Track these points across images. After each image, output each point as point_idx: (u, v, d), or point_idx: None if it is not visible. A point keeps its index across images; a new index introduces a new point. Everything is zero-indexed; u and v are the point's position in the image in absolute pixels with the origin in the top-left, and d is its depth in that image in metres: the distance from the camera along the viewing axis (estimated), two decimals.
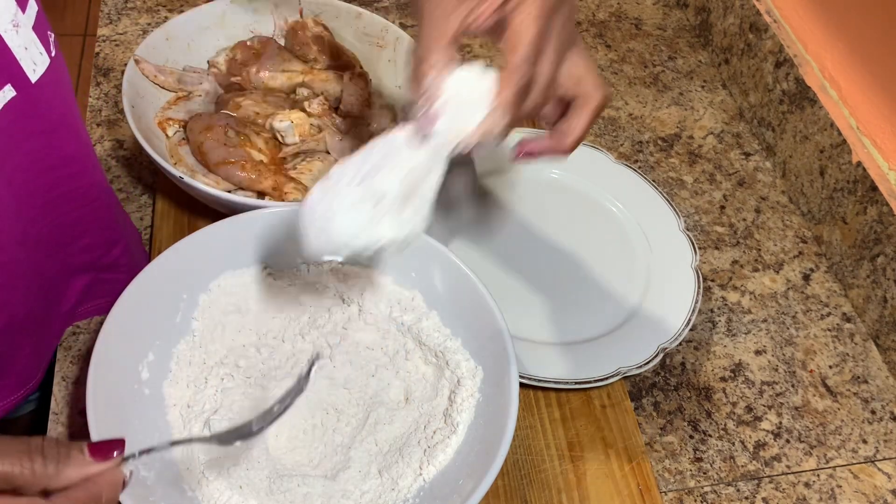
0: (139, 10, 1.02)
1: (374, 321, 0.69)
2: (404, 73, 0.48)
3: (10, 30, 0.49)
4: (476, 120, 0.48)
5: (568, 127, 0.55)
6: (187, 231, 0.76)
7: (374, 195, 0.50)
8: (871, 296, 0.84)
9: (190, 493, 0.59)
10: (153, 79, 0.82)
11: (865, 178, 0.84)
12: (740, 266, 0.88)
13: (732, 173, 0.97)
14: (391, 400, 0.66)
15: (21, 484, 0.43)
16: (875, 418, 0.78)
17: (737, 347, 0.81)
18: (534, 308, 0.79)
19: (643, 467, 0.70)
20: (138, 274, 0.64)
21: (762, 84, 1.00)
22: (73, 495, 0.44)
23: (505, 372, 0.64)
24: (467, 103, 0.48)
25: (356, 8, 0.90)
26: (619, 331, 0.77)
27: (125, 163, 0.86)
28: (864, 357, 0.83)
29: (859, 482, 0.74)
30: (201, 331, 0.67)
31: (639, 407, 0.76)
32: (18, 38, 0.50)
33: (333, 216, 0.50)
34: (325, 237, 0.50)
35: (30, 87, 0.52)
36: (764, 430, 0.76)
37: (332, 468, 0.62)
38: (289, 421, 0.64)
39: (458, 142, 0.49)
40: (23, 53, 0.51)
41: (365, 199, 0.50)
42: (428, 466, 0.62)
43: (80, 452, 0.45)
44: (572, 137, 0.55)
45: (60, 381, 0.71)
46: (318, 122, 0.82)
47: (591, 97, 0.55)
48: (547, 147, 0.57)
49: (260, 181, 0.76)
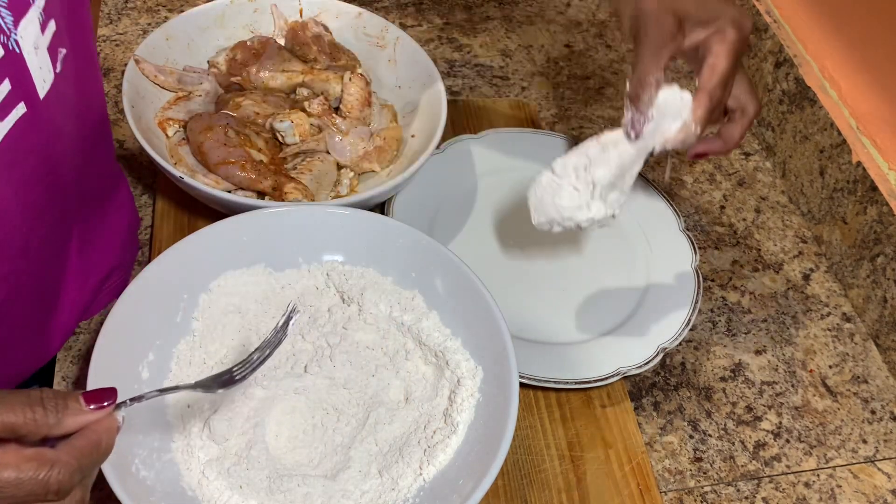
0: (139, 10, 1.02)
1: (374, 321, 0.69)
2: (627, 89, 0.64)
3: (31, 52, 0.52)
4: (674, 128, 0.63)
5: (730, 133, 0.70)
6: (187, 231, 0.76)
7: (588, 183, 0.65)
8: (871, 296, 0.84)
9: (190, 493, 0.59)
10: (153, 79, 0.82)
11: (865, 178, 0.84)
12: (740, 266, 0.88)
13: (732, 173, 0.97)
14: (391, 400, 0.66)
15: (24, 433, 0.45)
16: (875, 418, 0.78)
17: (737, 347, 0.81)
18: (534, 308, 0.79)
19: (643, 467, 0.70)
20: (138, 274, 0.64)
21: (762, 84, 1.00)
22: (75, 443, 0.47)
23: (505, 372, 0.64)
24: (668, 115, 0.63)
25: (356, 8, 0.90)
26: (619, 331, 0.77)
27: (125, 163, 0.86)
28: (864, 357, 0.83)
29: (859, 482, 0.74)
30: (201, 331, 0.67)
31: (639, 407, 0.76)
32: (37, 59, 0.53)
33: (560, 198, 0.65)
34: (552, 212, 0.66)
35: (38, 103, 0.54)
36: (764, 430, 0.76)
37: (332, 468, 0.62)
38: (289, 421, 0.64)
39: (660, 144, 0.64)
40: (38, 73, 0.53)
41: (581, 185, 0.65)
42: (428, 466, 0.62)
43: (77, 402, 0.47)
44: (734, 141, 0.70)
45: (60, 381, 0.71)
46: (318, 122, 0.82)
47: (749, 109, 0.69)
48: (715, 149, 0.71)
49: (260, 181, 0.76)
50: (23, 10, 0.50)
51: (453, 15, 1.09)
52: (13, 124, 0.52)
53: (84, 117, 0.63)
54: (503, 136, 0.90)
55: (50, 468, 0.44)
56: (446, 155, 0.87)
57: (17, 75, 0.51)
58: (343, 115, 0.83)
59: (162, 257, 0.66)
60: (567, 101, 1.01)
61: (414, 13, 1.08)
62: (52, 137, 0.57)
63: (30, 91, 0.53)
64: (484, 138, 0.89)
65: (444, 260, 0.70)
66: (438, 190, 0.84)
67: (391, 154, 0.83)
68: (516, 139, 0.90)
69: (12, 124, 0.52)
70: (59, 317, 0.69)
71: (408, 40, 0.88)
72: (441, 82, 0.84)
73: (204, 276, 0.68)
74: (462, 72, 1.02)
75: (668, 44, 0.64)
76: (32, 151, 0.55)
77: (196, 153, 0.77)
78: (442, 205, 0.84)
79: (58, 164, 0.59)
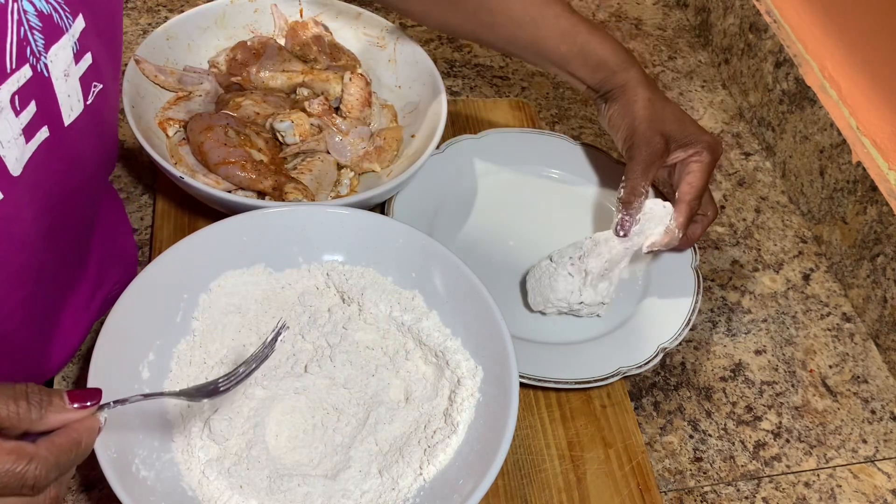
0: (139, 10, 1.02)
1: (374, 321, 0.69)
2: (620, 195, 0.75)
3: (60, 78, 0.53)
4: (658, 232, 0.74)
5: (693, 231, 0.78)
6: (187, 231, 0.76)
7: (581, 271, 0.74)
8: (871, 296, 0.84)
9: (190, 493, 0.59)
10: (153, 79, 0.82)
11: (865, 178, 0.84)
12: (740, 266, 0.88)
13: (732, 173, 0.97)
14: (391, 399, 0.66)
15: (6, 426, 0.46)
16: (875, 418, 0.78)
17: (737, 347, 0.81)
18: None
19: (643, 467, 0.70)
20: (138, 274, 0.64)
21: (762, 84, 1.00)
22: (55, 440, 0.47)
23: (505, 372, 0.64)
24: (652, 220, 0.74)
25: (356, 8, 0.90)
26: (619, 331, 0.77)
27: (125, 163, 0.86)
28: (864, 357, 0.83)
29: (859, 482, 0.74)
30: (201, 331, 0.67)
31: (639, 407, 0.76)
32: (66, 86, 0.54)
33: (556, 282, 0.74)
34: (547, 293, 0.75)
35: (62, 129, 0.55)
36: (764, 430, 0.76)
37: (333, 468, 0.62)
38: (289, 421, 0.64)
39: (646, 246, 0.74)
40: (65, 100, 0.54)
41: (575, 272, 0.74)
42: (428, 466, 0.62)
43: (61, 399, 0.48)
44: (696, 237, 0.78)
45: (61, 381, 0.71)
46: (318, 122, 0.82)
47: (709, 213, 0.78)
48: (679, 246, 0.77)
49: (260, 181, 0.76)
50: (55, 36, 0.51)
51: None
52: (36, 148, 0.53)
53: (102, 150, 0.64)
54: (503, 136, 0.90)
55: (28, 462, 0.44)
56: (446, 155, 0.86)
57: (43, 99, 0.52)
58: (343, 115, 0.84)
59: (162, 257, 0.66)
60: (567, 101, 1.01)
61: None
62: (73, 165, 0.58)
63: (55, 116, 0.54)
64: (484, 138, 0.89)
65: (444, 260, 0.70)
66: (438, 190, 0.84)
67: (391, 154, 0.83)
68: (516, 139, 0.90)
69: (35, 148, 0.53)
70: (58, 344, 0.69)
71: (408, 40, 0.88)
72: (441, 82, 0.84)
73: (204, 276, 0.68)
74: (462, 72, 1.02)
75: (656, 161, 0.74)
76: (53, 177, 0.56)
77: (196, 153, 0.78)
78: (442, 205, 0.84)
79: (75, 191, 0.60)
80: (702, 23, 1.12)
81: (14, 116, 0.50)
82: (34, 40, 0.50)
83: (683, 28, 1.14)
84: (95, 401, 0.49)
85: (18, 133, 0.50)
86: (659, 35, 1.12)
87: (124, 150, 0.87)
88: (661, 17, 1.15)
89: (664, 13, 1.16)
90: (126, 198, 0.84)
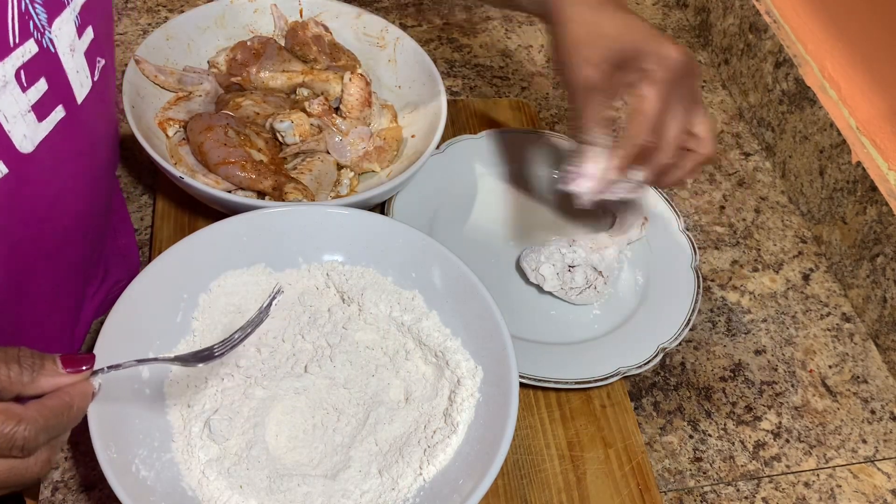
0: (139, 10, 1.02)
1: (374, 321, 0.69)
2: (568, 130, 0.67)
3: (67, 53, 0.52)
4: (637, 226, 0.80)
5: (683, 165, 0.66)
6: (187, 231, 0.76)
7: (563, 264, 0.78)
8: (871, 296, 0.84)
9: (190, 493, 0.59)
10: (153, 79, 0.82)
11: (865, 178, 0.84)
12: (740, 266, 0.88)
13: (732, 173, 0.97)
14: (391, 399, 0.66)
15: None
16: (875, 418, 0.78)
17: (737, 347, 0.82)
18: (534, 308, 0.79)
19: (643, 467, 0.70)
20: (138, 274, 0.64)
21: (762, 84, 1.00)
22: (46, 402, 0.47)
23: (505, 372, 0.64)
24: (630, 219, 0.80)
25: (356, 8, 0.90)
26: (619, 331, 0.77)
27: (125, 163, 0.86)
28: (864, 357, 0.83)
29: (859, 482, 0.74)
30: (201, 331, 0.67)
31: (639, 407, 0.76)
32: (73, 61, 0.53)
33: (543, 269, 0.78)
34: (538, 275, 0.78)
35: (76, 108, 0.55)
36: (764, 430, 0.76)
37: (332, 468, 0.62)
38: (289, 421, 0.64)
39: (627, 242, 0.80)
40: (74, 76, 0.54)
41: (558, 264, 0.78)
42: (428, 466, 0.62)
43: (54, 364, 0.48)
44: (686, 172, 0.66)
45: None
46: (318, 122, 0.82)
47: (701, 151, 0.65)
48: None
49: (260, 181, 0.76)
50: (57, 9, 0.51)
51: (453, 15, 1.09)
52: (53, 127, 0.52)
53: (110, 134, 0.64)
54: (503, 136, 0.90)
55: (17, 423, 0.44)
56: (446, 155, 0.87)
57: (53, 75, 0.52)
58: (343, 115, 0.84)
59: (162, 257, 0.66)
60: (567, 101, 1.01)
61: (414, 13, 1.08)
62: (89, 146, 0.58)
63: (68, 94, 0.53)
64: (484, 138, 0.89)
65: (445, 260, 0.70)
66: (438, 190, 0.84)
67: (391, 154, 0.83)
68: (516, 139, 0.90)
69: (52, 126, 0.52)
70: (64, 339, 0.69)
71: (408, 40, 0.88)
72: (441, 82, 0.84)
73: (204, 276, 0.68)
74: (462, 72, 1.02)
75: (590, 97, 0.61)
76: (73, 157, 0.56)
77: (196, 153, 0.78)
78: (442, 205, 0.84)
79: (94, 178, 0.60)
80: (701, 23, 1.12)
81: (21, 92, 0.49)
82: (36, 14, 0.49)
83: (683, 28, 1.14)
84: (89, 366, 0.49)
85: (27, 109, 0.50)
86: None
87: (124, 150, 0.87)
88: (661, 17, 1.15)
89: (664, 13, 1.16)
90: (126, 198, 0.84)
